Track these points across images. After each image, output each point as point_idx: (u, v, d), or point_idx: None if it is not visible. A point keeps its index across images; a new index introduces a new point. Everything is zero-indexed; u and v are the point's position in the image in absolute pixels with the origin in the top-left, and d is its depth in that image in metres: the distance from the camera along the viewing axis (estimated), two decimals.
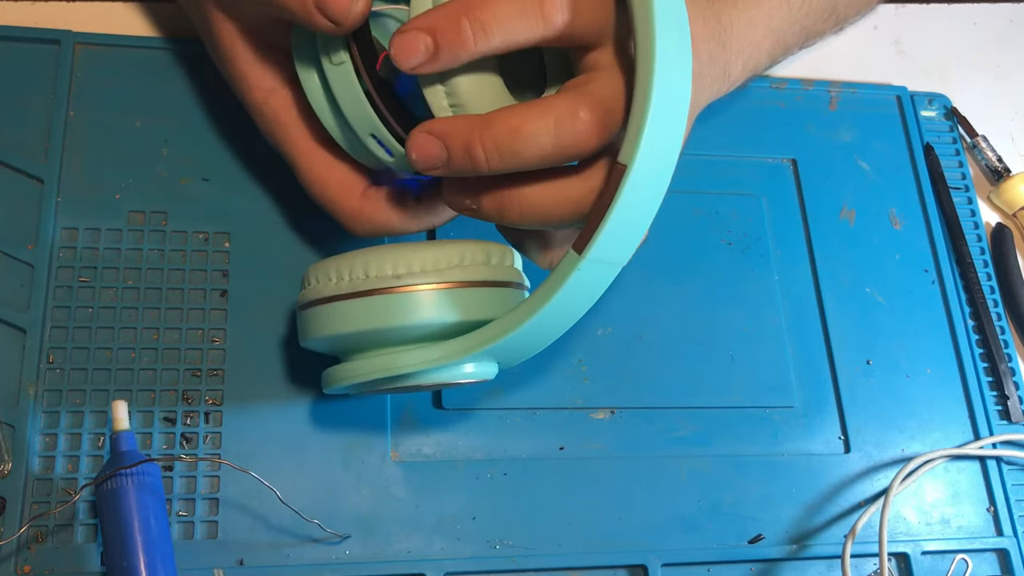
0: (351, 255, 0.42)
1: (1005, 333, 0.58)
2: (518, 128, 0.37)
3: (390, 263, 0.41)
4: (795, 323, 0.56)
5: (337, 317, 0.41)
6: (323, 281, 0.42)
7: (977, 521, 0.54)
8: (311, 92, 0.43)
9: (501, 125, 0.37)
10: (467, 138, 0.37)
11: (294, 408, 0.48)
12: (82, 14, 0.53)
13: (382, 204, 0.45)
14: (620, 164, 0.37)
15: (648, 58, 0.36)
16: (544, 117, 0.37)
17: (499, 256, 0.43)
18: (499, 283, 0.42)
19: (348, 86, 0.40)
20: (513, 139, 0.37)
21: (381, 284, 0.41)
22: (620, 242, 0.38)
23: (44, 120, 0.50)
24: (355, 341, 0.42)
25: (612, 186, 0.37)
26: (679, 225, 0.56)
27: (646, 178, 0.37)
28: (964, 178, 0.62)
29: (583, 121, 0.37)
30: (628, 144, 0.37)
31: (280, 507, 0.45)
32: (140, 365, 0.47)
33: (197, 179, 0.51)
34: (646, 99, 0.36)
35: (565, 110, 0.37)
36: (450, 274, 0.41)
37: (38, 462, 0.44)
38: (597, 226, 0.37)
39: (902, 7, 0.68)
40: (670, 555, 0.49)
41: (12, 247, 0.47)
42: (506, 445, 0.50)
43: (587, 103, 0.37)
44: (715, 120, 0.59)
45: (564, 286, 0.38)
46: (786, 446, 0.53)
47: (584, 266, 0.38)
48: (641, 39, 0.37)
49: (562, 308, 0.40)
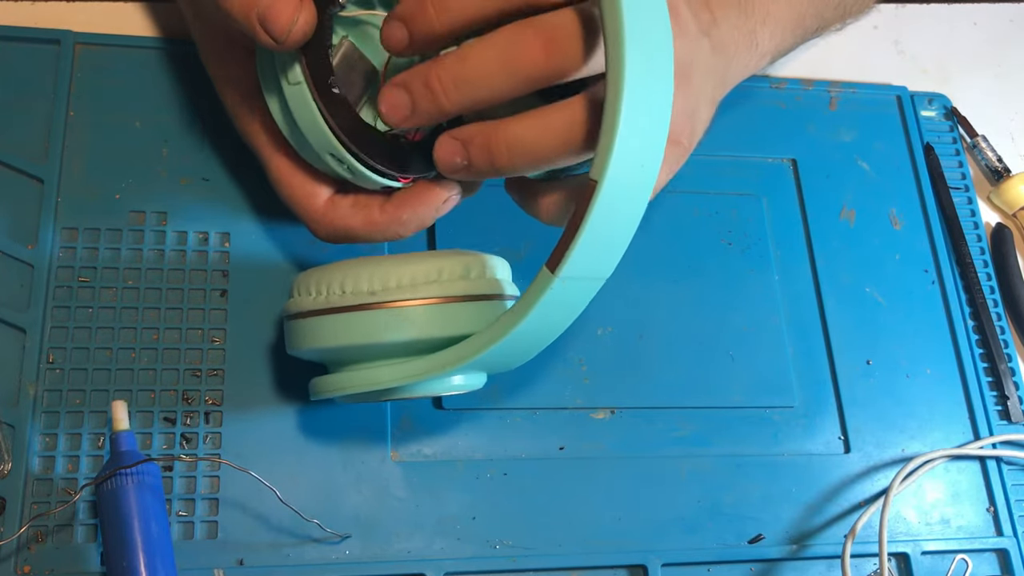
0: (332, 268, 0.42)
1: (1005, 333, 0.58)
2: (465, 56, 0.38)
3: (366, 279, 0.41)
4: (795, 323, 0.56)
5: (315, 332, 0.42)
6: (303, 294, 0.42)
7: (977, 521, 0.54)
8: (272, 107, 0.43)
9: (451, 57, 0.38)
10: (425, 75, 0.39)
11: (294, 408, 0.48)
12: (82, 14, 0.53)
13: (346, 211, 0.44)
14: (591, 180, 0.35)
15: (618, 63, 0.35)
16: (490, 47, 0.37)
17: (478, 269, 0.42)
18: (477, 297, 0.41)
19: (304, 106, 0.40)
20: (463, 67, 0.38)
21: (356, 300, 0.41)
22: (596, 258, 0.37)
23: (44, 120, 0.50)
24: (336, 354, 0.42)
25: (583, 203, 0.36)
26: (679, 225, 0.56)
27: (621, 191, 0.36)
28: (964, 178, 0.62)
29: (527, 44, 0.37)
30: (598, 158, 0.35)
31: (280, 507, 0.45)
32: (140, 365, 0.47)
33: (197, 179, 0.51)
34: (616, 108, 0.34)
35: (507, 36, 0.37)
36: (427, 289, 0.41)
37: (38, 462, 0.44)
38: (569, 244, 0.36)
39: (902, 7, 0.68)
40: (670, 555, 0.49)
41: (12, 247, 0.47)
42: (506, 445, 0.50)
43: (529, 29, 0.37)
44: (715, 120, 0.59)
45: (538, 304, 0.37)
46: (786, 446, 0.53)
47: (557, 284, 0.37)
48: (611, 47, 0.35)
49: (541, 323, 0.39)
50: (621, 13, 0.34)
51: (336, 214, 0.44)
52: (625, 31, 0.34)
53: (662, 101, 0.36)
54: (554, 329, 0.40)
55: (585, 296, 0.39)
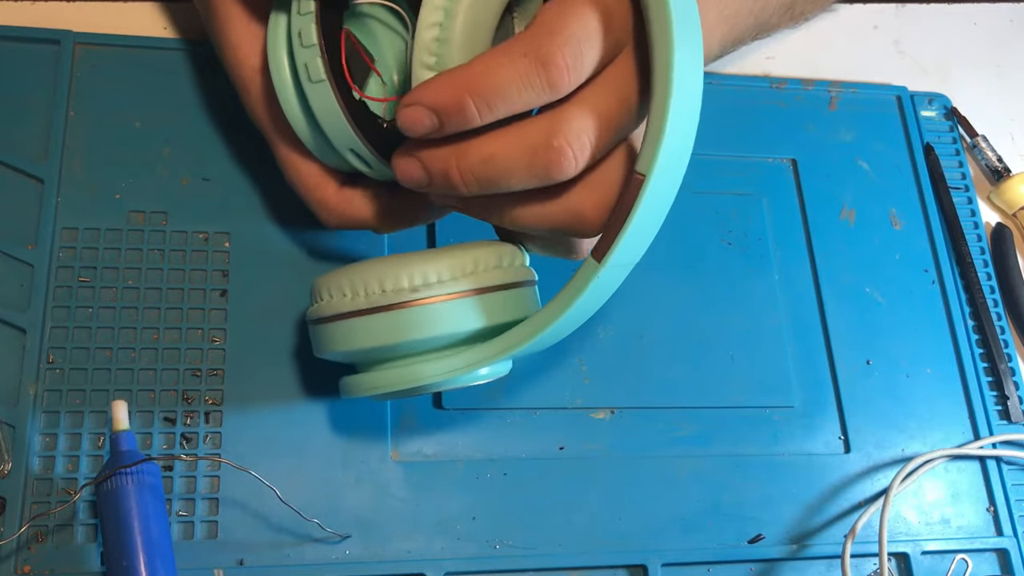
0: (363, 268, 0.41)
1: (1005, 333, 0.58)
2: (492, 156, 0.37)
3: (406, 275, 0.40)
4: (795, 323, 0.56)
5: (357, 333, 0.41)
6: (337, 296, 0.41)
7: (977, 521, 0.54)
8: (286, 104, 0.42)
9: (475, 153, 0.37)
10: (444, 166, 0.38)
11: (294, 408, 0.48)
12: (82, 14, 0.53)
13: (357, 200, 0.44)
14: (639, 174, 0.37)
15: (666, 69, 0.36)
16: (517, 145, 0.36)
17: (510, 257, 0.42)
18: (514, 284, 0.42)
19: (327, 104, 0.40)
20: (487, 167, 0.37)
21: (399, 298, 0.40)
22: (636, 246, 0.39)
23: (44, 120, 0.50)
24: (375, 354, 0.42)
25: (631, 195, 0.37)
26: (679, 225, 0.56)
27: (662, 185, 0.37)
28: (964, 178, 0.62)
29: (556, 151, 0.36)
30: (646, 154, 0.36)
31: (280, 507, 0.45)
32: (140, 365, 0.47)
33: (197, 179, 0.51)
34: (664, 110, 0.36)
35: (539, 138, 0.36)
36: (466, 282, 0.41)
37: (38, 462, 0.44)
38: (617, 235, 0.37)
39: (902, 7, 0.69)
40: (670, 555, 0.49)
41: (12, 247, 0.47)
42: (506, 445, 0.50)
43: (562, 131, 0.36)
44: (715, 120, 0.59)
45: (584, 293, 0.39)
46: (786, 446, 0.53)
47: (603, 273, 0.38)
48: (659, 50, 0.36)
49: (580, 311, 0.40)
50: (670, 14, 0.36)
51: (349, 205, 0.44)
52: (674, 31, 0.36)
53: (695, 96, 0.37)
54: (589, 313, 0.41)
55: (619, 280, 0.40)
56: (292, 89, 0.42)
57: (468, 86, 0.36)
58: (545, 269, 0.45)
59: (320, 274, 0.43)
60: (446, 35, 0.37)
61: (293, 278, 0.49)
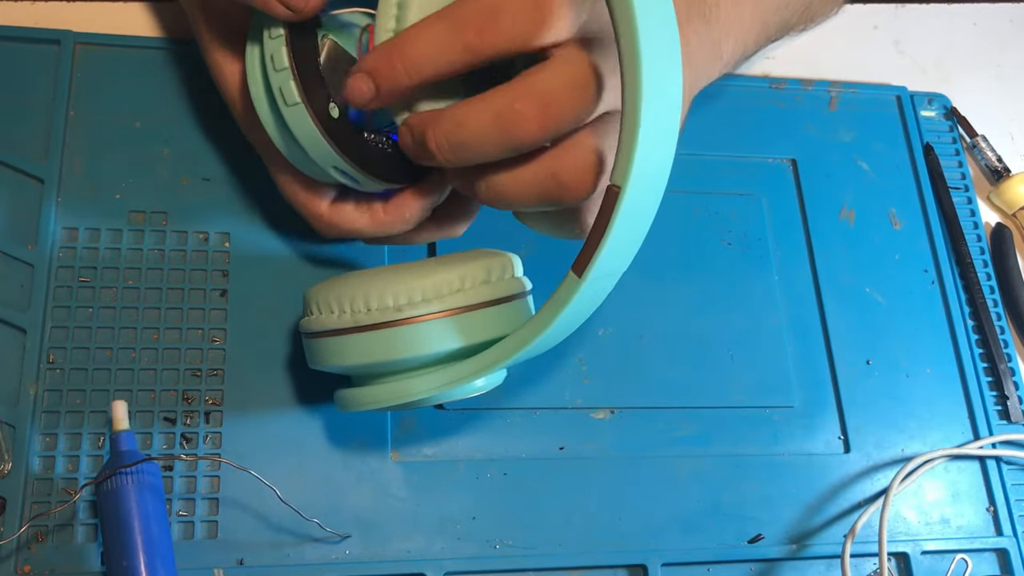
0: (351, 283, 0.41)
1: (1005, 333, 0.58)
2: (463, 121, 0.38)
3: (391, 294, 0.40)
4: (795, 323, 0.56)
5: (342, 350, 0.41)
6: (324, 312, 0.42)
7: (977, 521, 0.54)
8: (268, 126, 0.42)
9: (448, 118, 0.38)
10: (422, 132, 0.39)
11: (294, 408, 0.48)
12: (82, 14, 0.53)
13: (351, 214, 0.45)
14: (614, 186, 0.36)
15: (635, 71, 0.34)
16: (486, 111, 0.37)
17: (499, 270, 0.42)
18: (502, 299, 0.42)
19: (304, 126, 0.40)
20: (459, 132, 0.38)
21: (384, 317, 0.40)
22: (618, 257, 0.38)
23: (44, 120, 0.50)
24: (364, 370, 0.42)
25: (607, 208, 0.36)
26: (679, 225, 0.56)
27: (641, 195, 0.36)
28: (964, 178, 0.62)
29: (519, 114, 0.37)
30: (620, 164, 0.36)
31: (280, 507, 0.45)
32: (140, 365, 0.47)
33: (197, 179, 0.51)
34: (635, 118, 0.35)
35: (503, 103, 0.37)
36: (452, 300, 0.41)
37: (38, 462, 0.44)
38: (595, 249, 0.37)
39: (902, 7, 0.69)
40: (670, 555, 0.49)
41: (12, 247, 0.47)
42: (506, 445, 0.50)
43: (524, 95, 0.37)
44: (715, 120, 0.59)
45: (567, 307, 0.38)
46: (786, 446, 0.53)
47: (585, 287, 0.38)
48: (625, 47, 0.34)
49: (566, 323, 0.40)
50: (636, 23, 0.34)
51: (342, 217, 0.45)
52: (640, 39, 0.34)
53: (673, 105, 0.37)
54: (576, 324, 0.41)
55: (605, 291, 0.40)
56: (270, 113, 0.42)
57: (397, 50, 0.38)
58: (544, 276, 0.45)
59: (320, 276, 0.43)
60: (403, 14, 0.39)
61: (293, 278, 0.49)
